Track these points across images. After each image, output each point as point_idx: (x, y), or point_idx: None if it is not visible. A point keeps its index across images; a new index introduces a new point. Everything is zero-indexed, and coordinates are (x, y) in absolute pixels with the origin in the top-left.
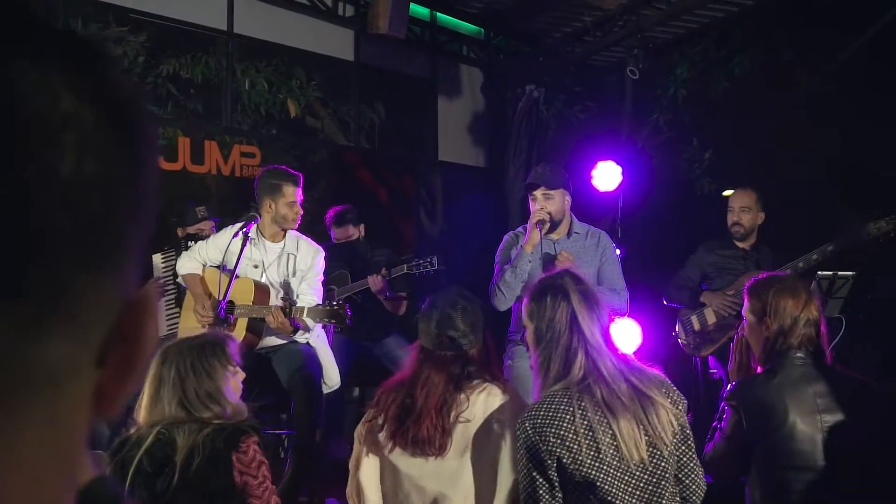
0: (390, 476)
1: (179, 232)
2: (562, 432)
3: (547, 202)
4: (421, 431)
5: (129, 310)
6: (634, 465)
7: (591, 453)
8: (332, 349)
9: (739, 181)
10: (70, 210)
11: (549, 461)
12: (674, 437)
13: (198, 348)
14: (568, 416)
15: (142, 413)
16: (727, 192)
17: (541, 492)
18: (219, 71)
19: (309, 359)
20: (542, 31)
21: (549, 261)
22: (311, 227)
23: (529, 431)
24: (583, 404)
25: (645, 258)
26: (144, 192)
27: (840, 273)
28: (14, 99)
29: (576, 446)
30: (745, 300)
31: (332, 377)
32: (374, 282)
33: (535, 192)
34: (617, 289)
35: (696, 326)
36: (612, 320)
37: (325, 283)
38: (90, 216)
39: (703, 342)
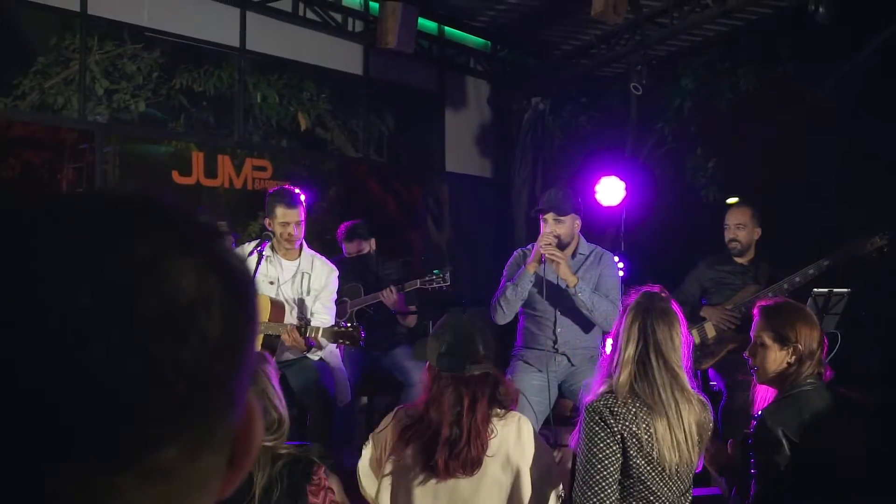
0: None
1: None
2: (632, 426)
3: (557, 226)
4: (470, 451)
5: (243, 421)
6: (667, 466)
7: (644, 447)
8: (342, 360)
9: (743, 189)
10: (220, 361)
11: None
12: (699, 452)
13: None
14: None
15: None
16: (731, 200)
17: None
18: (231, 84)
19: (322, 374)
20: (547, 44)
21: (551, 280)
22: (321, 236)
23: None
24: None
25: (649, 271)
26: (252, 343)
27: (836, 290)
28: (179, 289)
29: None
30: (763, 322)
31: (343, 393)
32: (388, 296)
33: (546, 217)
34: (611, 298)
35: (697, 340)
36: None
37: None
38: (229, 365)
39: (702, 355)
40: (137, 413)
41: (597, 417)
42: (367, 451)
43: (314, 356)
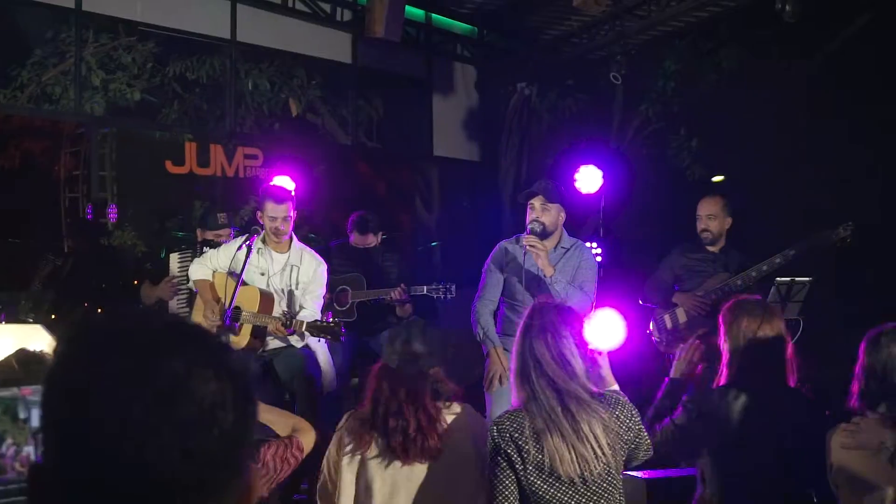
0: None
1: (199, 234)
2: (519, 441)
3: (543, 213)
4: (427, 441)
5: (247, 483)
6: (569, 479)
7: (536, 463)
8: (335, 345)
9: (726, 168)
10: (233, 445)
11: (508, 464)
12: (614, 453)
13: None
14: (524, 428)
15: None
16: (716, 178)
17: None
18: (223, 72)
19: (309, 361)
20: (533, 30)
21: (532, 270)
22: (310, 220)
23: (496, 436)
24: (532, 420)
25: (628, 256)
26: (254, 424)
27: (797, 279)
28: (205, 395)
29: (526, 455)
30: (727, 317)
31: (328, 380)
32: (395, 295)
33: (533, 201)
34: (585, 289)
35: (669, 325)
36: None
37: (335, 285)
38: (236, 440)
39: (674, 340)
40: (179, 488)
41: (490, 440)
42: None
43: (299, 344)
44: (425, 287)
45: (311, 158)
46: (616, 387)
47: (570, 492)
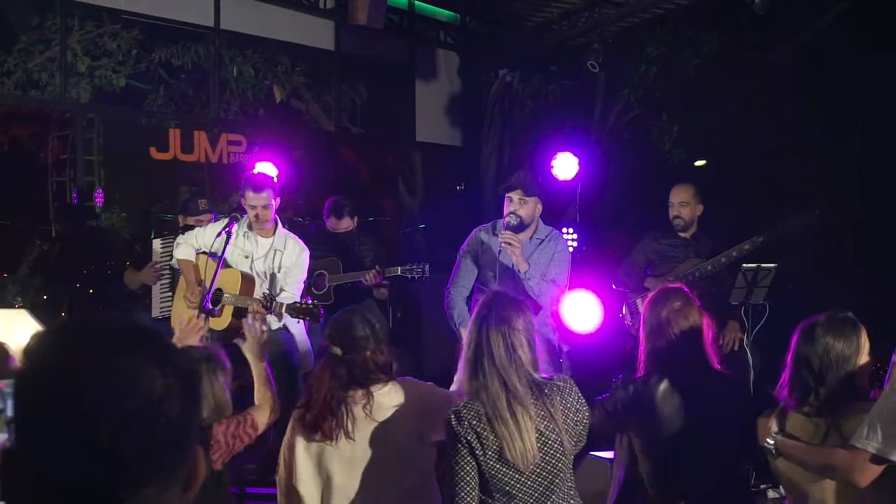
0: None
1: (181, 220)
2: (477, 429)
3: (521, 206)
4: (317, 421)
5: (192, 463)
6: (523, 465)
7: (494, 448)
8: (315, 328)
9: (707, 151)
10: (178, 432)
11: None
12: (560, 441)
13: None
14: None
15: None
16: (699, 163)
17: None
18: (208, 58)
19: (287, 344)
20: (516, 16)
21: (506, 258)
22: (294, 205)
23: (455, 424)
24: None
25: (605, 240)
26: (198, 414)
27: (763, 265)
28: (153, 390)
29: (486, 442)
30: (645, 307)
31: (305, 361)
32: (370, 278)
33: (511, 194)
34: (558, 283)
35: (640, 309)
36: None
37: (313, 270)
38: (181, 428)
39: None
40: (131, 468)
41: (449, 428)
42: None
43: (276, 326)
44: (399, 268)
45: (294, 144)
46: None
47: (524, 477)
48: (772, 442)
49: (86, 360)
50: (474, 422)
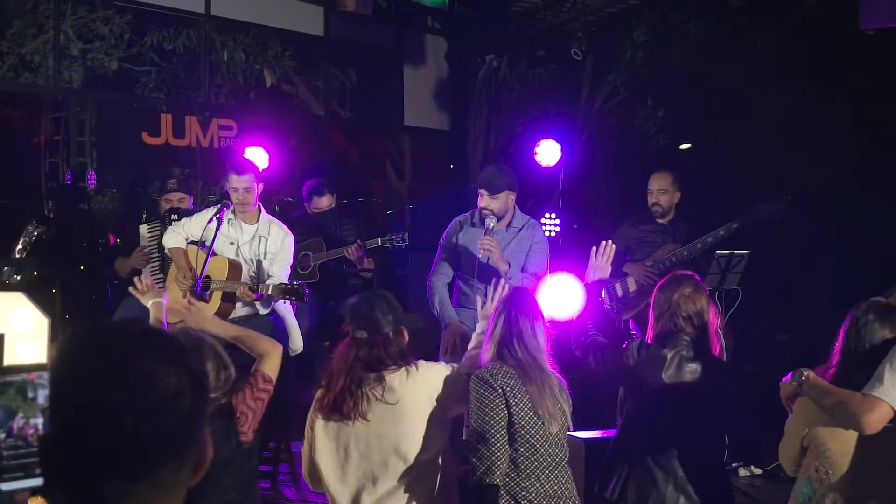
0: (326, 444)
1: (161, 203)
2: (508, 385)
3: (492, 201)
4: (337, 402)
5: (202, 447)
6: (545, 422)
7: (523, 404)
8: (303, 308)
9: (691, 136)
10: (189, 422)
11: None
12: (566, 420)
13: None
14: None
15: None
16: (684, 146)
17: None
18: (199, 42)
19: (276, 326)
20: (502, 1)
21: (483, 267)
22: (284, 188)
23: (489, 378)
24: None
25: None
26: (206, 406)
27: (736, 252)
28: (168, 386)
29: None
30: (658, 290)
31: (296, 343)
32: (352, 252)
33: (482, 191)
34: (538, 273)
35: (619, 293)
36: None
37: (298, 252)
38: (192, 419)
39: (624, 307)
40: (149, 452)
41: (482, 383)
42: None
43: (265, 310)
44: (380, 239)
45: (285, 128)
46: None
47: (550, 435)
48: (804, 374)
49: (112, 361)
50: (507, 378)
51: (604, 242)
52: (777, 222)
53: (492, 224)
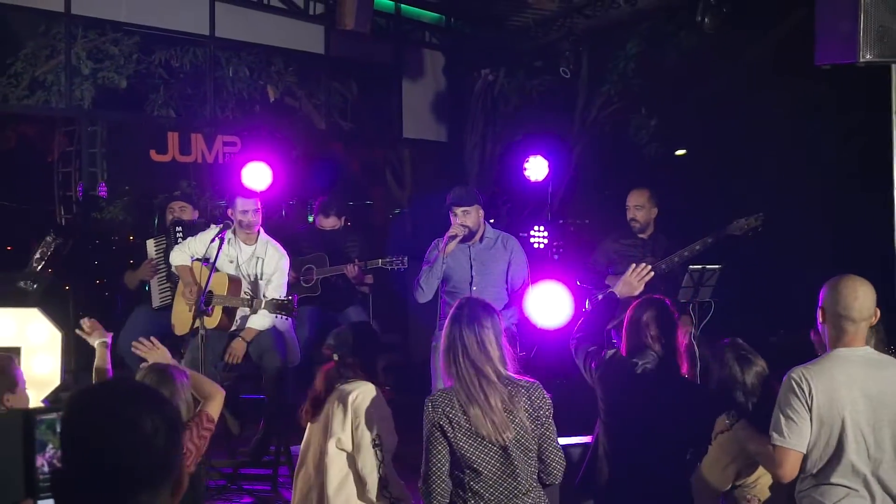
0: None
1: (168, 214)
2: (449, 414)
3: (465, 217)
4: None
5: (178, 475)
6: (490, 441)
7: (464, 429)
8: (304, 319)
9: (684, 144)
10: (164, 457)
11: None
12: (525, 427)
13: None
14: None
15: None
16: (680, 152)
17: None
18: (205, 60)
19: (275, 340)
20: (497, 17)
21: (466, 263)
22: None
23: (430, 411)
24: (458, 394)
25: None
26: (179, 444)
27: (708, 266)
28: (146, 428)
29: (456, 425)
30: (630, 312)
31: (293, 356)
32: (351, 270)
33: (455, 210)
34: (518, 287)
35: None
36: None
37: (302, 264)
38: (167, 454)
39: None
40: (135, 483)
41: (425, 411)
42: None
43: (266, 325)
44: (380, 260)
45: (288, 142)
46: None
47: (492, 454)
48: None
49: (105, 412)
50: (447, 407)
51: (643, 264)
52: (749, 238)
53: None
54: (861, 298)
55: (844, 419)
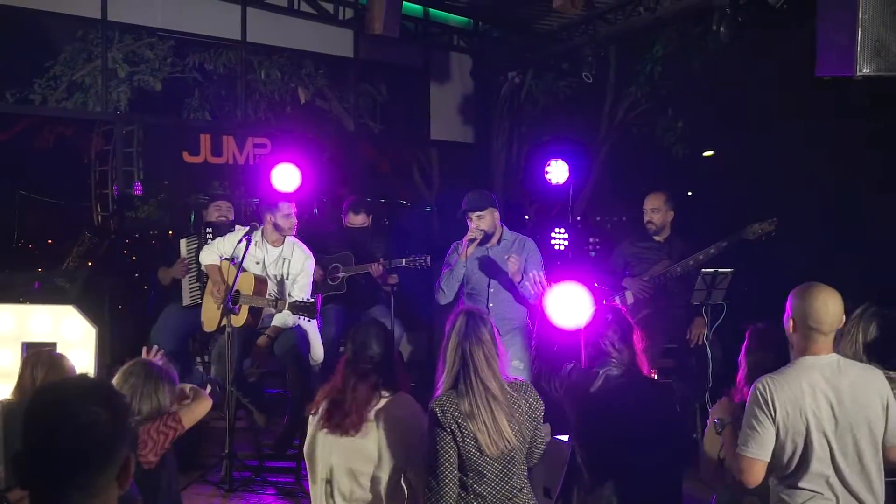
0: (319, 448)
1: (212, 211)
2: (458, 419)
3: (480, 221)
4: (353, 418)
5: (124, 462)
6: (496, 452)
7: (471, 436)
8: (329, 317)
9: (710, 145)
10: (107, 442)
11: (451, 436)
12: (522, 431)
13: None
14: (462, 407)
15: None
16: (707, 153)
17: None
18: (237, 63)
19: (300, 338)
20: (524, 21)
21: (484, 265)
22: (318, 199)
23: (439, 414)
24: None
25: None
26: (124, 434)
27: (720, 270)
28: (90, 415)
29: (465, 430)
30: (588, 324)
31: (317, 353)
32: (375, 269)
33: (471, 215)
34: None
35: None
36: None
37: (329, 263)
38: (109, 441)
39: None
40: (76, 465)
41: (433, 417)
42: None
43: (291, 322)
44: (404, 259)
45: (318, 143)
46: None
47: (493, 460)
48: (725, 423)
49: (58, 402)
50: (456, 414)
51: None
52: (763, 242)
53: (479, 236)
54: (832, 311)
55: (809, 427)
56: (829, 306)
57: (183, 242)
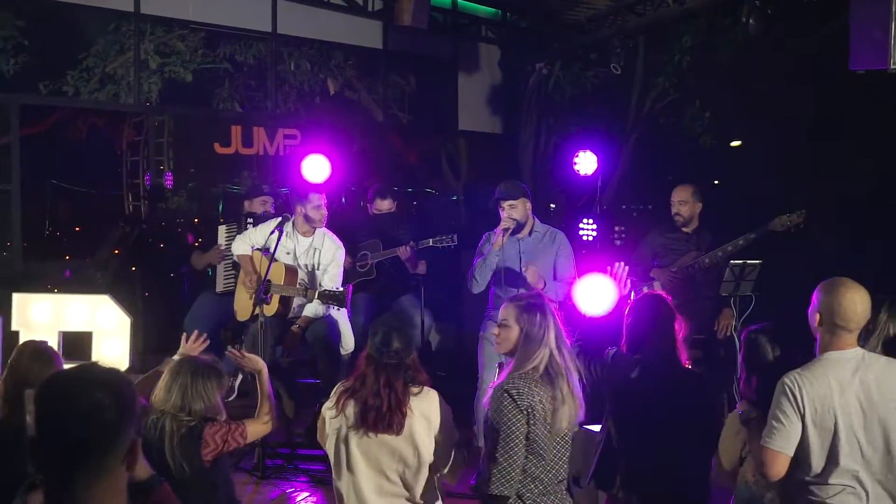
0: (347, 445)
1: (246, 206)
2: (530, 400)
3: (512, 211)
4: (394, 416)
5: (131, 446)
6: (557, 430)
7: (541, 417)
8: (359, 306)
9: (736, 136)
10: (112, 427)
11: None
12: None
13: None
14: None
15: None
16: (735, 143)
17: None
18: (268, 54)
19: (331, 328)
20: (553, 12)
21: (513, 255)
22: (346, 188)
23: (516, 396)
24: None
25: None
26: (128, 420)
27: (749, 261)
28: (95, 400)
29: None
30: (629, 309)
31: (348, 343)
32: (404, 252)
33: (503, 203)
34: (566, 278)
35: None
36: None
37: (357, 251)
38: (115, 425)
39: None
40: (84, 448)
41: (509, 398)
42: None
43: (322, 312)
44: (431, 240)
45: (347, 133)
46: None
47: (557, 440)
48: (752, 415)
49: (66, 389)
50: (529, 397)
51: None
52: (791, 234)
53: (512, 226)
54: (860, 310)
55: (837, 424)
56: (857, 305)
57: (221, 229)
